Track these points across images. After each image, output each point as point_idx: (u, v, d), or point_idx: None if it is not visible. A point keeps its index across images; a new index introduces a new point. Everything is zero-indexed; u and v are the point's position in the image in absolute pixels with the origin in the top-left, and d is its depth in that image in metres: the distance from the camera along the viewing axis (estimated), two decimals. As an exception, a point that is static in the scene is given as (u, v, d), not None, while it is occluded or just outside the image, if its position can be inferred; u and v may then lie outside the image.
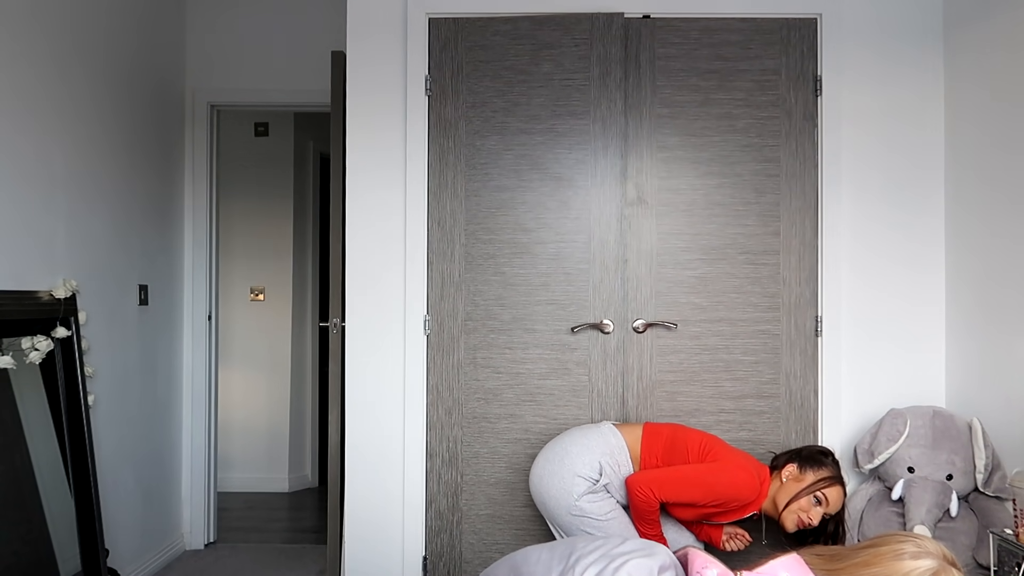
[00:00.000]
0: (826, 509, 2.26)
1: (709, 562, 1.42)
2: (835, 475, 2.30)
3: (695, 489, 2.27)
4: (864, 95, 2.82)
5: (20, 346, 2.47)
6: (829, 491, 2.27)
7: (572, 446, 2.37)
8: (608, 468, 2.34)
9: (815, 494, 2.26)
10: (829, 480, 2.28)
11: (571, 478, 2.31)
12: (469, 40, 2.82)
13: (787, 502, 2.27)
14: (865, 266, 2.81)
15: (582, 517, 2.30)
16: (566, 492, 2.31)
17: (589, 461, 2.33)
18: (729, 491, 2.27)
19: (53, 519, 2.55)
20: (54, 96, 2.73)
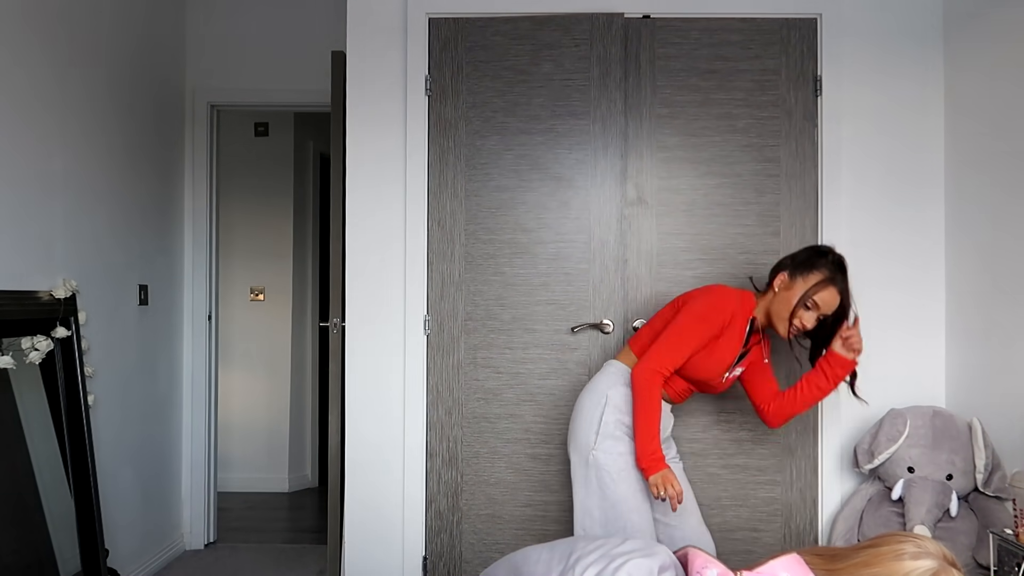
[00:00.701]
0: (819, 311, 2.20)
1: (709, 562, 1.42)
2: (828, 276, 2.21)
3: (688, 331, 2.21)
4: (864, 95, 2.82)
5: (20, 346, 2.47)
6: (820, 295, 2.20)
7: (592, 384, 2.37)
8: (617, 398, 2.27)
9: (807, 298, 2.20)
10: (821, 284, 2.20)
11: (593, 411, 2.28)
12: (469, 40, 2.82)
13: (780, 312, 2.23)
14: (865, 266, 2.80)
15: (596, 470, 2.22)
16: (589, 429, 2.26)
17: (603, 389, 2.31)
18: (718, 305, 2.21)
19: (53, 519, 2.55)
20: (54, 96, 2.73)
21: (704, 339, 2.22)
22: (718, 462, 2.77)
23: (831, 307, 2.22)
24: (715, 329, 2.22)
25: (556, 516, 2.78)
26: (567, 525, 2.76)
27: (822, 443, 2.77)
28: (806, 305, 2.20)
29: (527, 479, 2.79)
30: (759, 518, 2.77)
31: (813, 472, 2.78)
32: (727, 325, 2.23)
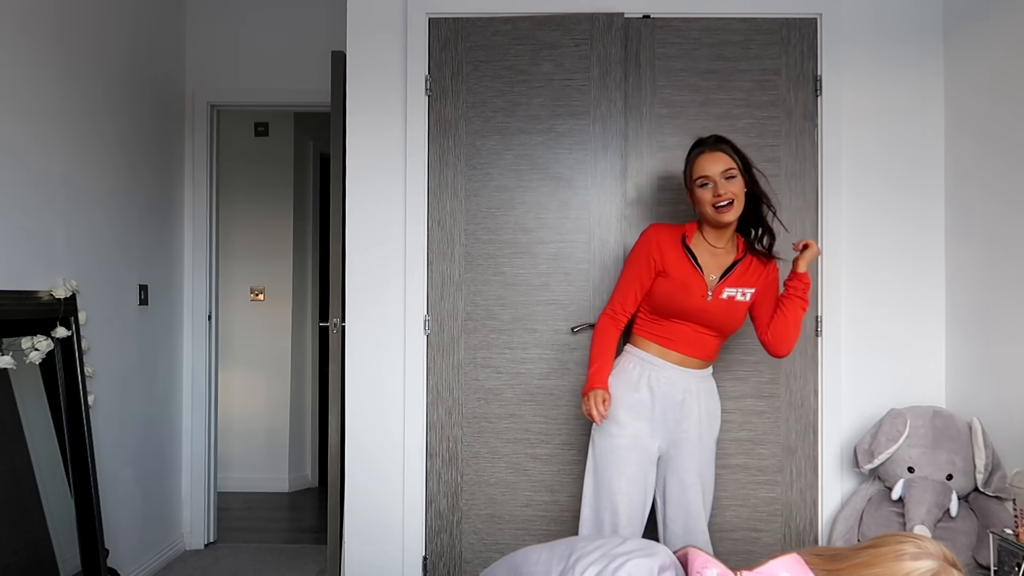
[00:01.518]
0: (710, 178, 2.18)
1: (709, 562, 1.42)
2: (691, 149, 2.26)
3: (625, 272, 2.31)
4: (864, 95, 2.82)
5: (20, 346, 2.47)
6: (696, 166, 2.21)
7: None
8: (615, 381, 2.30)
9: (695, 183, 2.21)
10: (690, 160, 2.24)
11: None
12: (469, 40, 2.82)
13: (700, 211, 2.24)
14: (865, 266, 2.81)
15: (593, 448, 2.30)
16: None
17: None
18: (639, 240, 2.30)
19: (53, 519, 2.55)
20: (54, 96, 2.73)
21: (639, 273, 2.27)
22: (718, 462, 2.76)
23: (716, 167, 2.18)
24: (644, 260, 2.27)
25: (556, 516, 2.78)
26: (567, 525, 2.76)
27: (822, 443, 2.77)
28: (698, 184, 2.20)
29: (527, 479, 2.79)
30: (759, 518, 2.77)
31: (813, 472, 2.78)
32: (654, 252, 2.26)
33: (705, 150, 2.22)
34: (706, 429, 2.32)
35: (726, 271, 2.26)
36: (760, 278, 2.29)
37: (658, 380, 2.26)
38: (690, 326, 2.25)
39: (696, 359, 2.29)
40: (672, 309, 2.24)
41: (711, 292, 2.23)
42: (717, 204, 2.18)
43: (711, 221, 2.23)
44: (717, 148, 2.21)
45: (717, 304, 2.23)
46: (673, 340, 2.26)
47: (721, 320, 2.25)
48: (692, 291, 2.21)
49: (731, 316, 2.26)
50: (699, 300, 2.22)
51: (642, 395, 2.25)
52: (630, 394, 2.25)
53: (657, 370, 2.26)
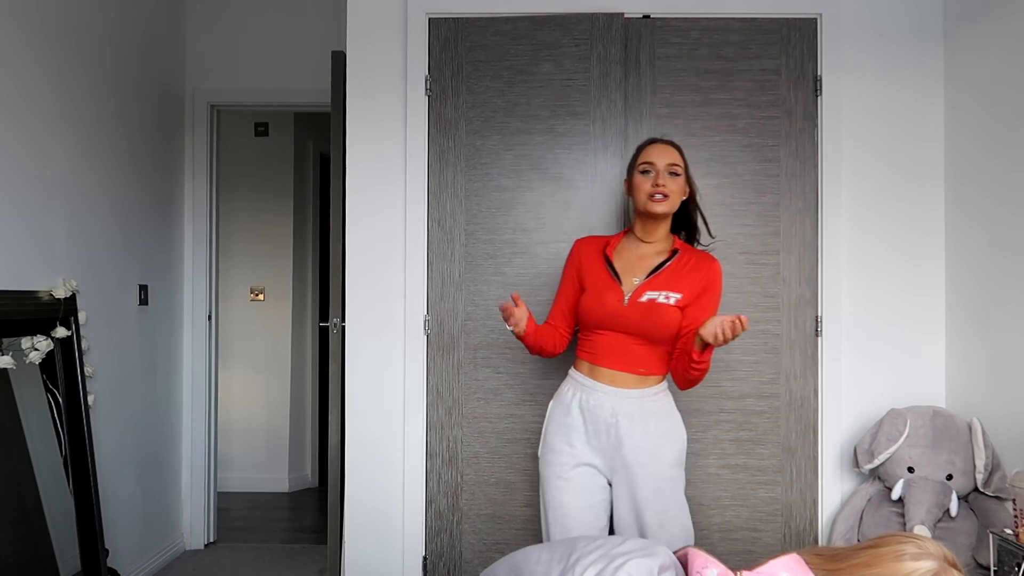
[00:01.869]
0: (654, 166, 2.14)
1: (709, 562, 1.42)
2: (643, 143, 2.23)
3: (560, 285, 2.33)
4: (864, 95, 2.82)
5: (20, 346, 2.47)
6: (644, 154, 2.18)
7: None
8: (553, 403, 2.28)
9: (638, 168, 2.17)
10: (640, 149, 2.21)
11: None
12: (469, 40, 2.82)
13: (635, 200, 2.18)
14: (865, 266, 2.81)
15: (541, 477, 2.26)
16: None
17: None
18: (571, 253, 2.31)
19: (53, 519, 2.55)
20: (54, 96, 2.73)
21: (564, 287, 2.30)
22: (718, 462, 2.77)
23: (663, 159, 2.14)
24: (567, 274, 2.29)
25: (556, 516, 2.78)
26: (567, 525, 2.76)
27: (822, 443, 2.77)
28: (640, 169, 2.16)
29: (527, 479, 2.78)
30: (759, 518, 2.77)
31: (813, 472, 2.78)
32: (574, 267, 2.27)
33: (657, 141, 2.21)
34: (652, 457, 2.10)
35: (651, 272, 2.15)
36: (693, 285, 2.14)
37: (587, 402, 2.14)
38: (611, 335, 2.13)
39: (627, 374, 2.12)
40: (593, 320, 2.16)
41: (628, 296, 2.12)
42: (653, 195, 2.12)
43: (643, 211, 2.16)
44: (669, 143, 2.21)
45: (635, 308, 2.10)
46: (598, 354, 2.15)
47: (642, 324, 2.09)
48: (607, 298, 2.13)
49: (653, 320, 2.09)
50: (615, 305, 2.12)
51: (573, 418, 2.16)
52: (563, 418, 2.19)
53: (587, 391, 2.15)
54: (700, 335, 1.94)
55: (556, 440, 2.18)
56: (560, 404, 2.22)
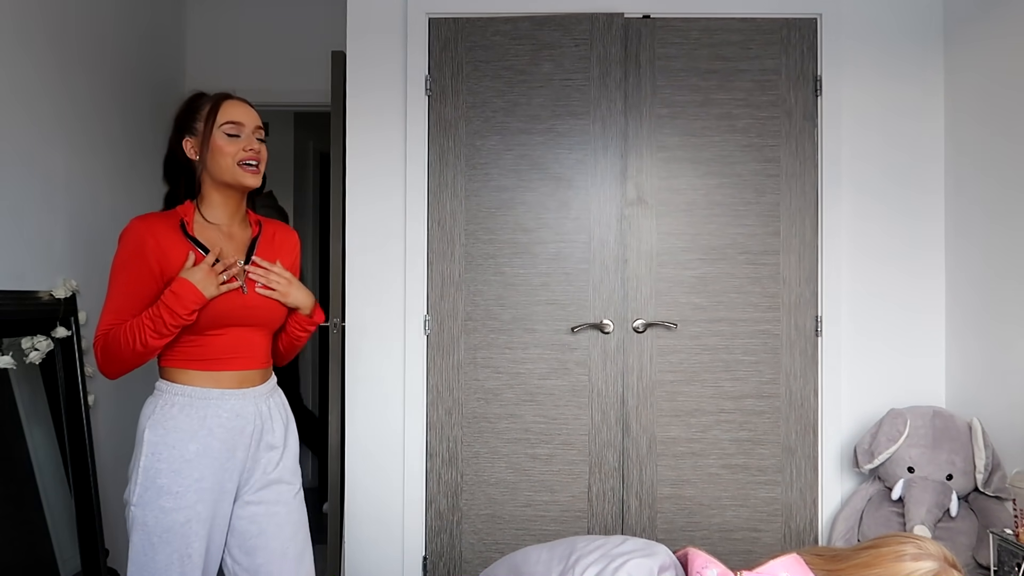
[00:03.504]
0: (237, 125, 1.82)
1: (709, 562, 1.42)
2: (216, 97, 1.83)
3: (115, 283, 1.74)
4: (864, 95, 2.82)
5: (20, 346, 2.47)
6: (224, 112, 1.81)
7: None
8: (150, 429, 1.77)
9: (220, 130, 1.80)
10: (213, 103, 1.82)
11: None
12: (469, 40, 2.82)
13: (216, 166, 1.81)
14: (865, 266, 2.81)
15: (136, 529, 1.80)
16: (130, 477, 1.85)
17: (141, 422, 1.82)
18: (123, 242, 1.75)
19: (53, 519, 2.55)
20: (54, 95, 2.73)
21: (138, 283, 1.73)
22: (718, 462, 2.77)
23: (251, 119, 1.85)
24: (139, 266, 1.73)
25: (556, 516, 2.78)
26: (567, 525, 2.76)
27: (822, 443, 2.77)
28: (226, 131, 1.80)
29: (527, 479, 2.79)
30: (759, 518, 2.77)
31: (813, 472, 2.78)
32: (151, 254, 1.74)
33: (231, 98, 1.85)
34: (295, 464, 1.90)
35: (249, 252, 1.87)
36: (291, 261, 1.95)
37: (219, 416, 1.76)
38: (235, 331, 1.79)
39: (254, 371, 1.83)
40: (207, 319, 1.75)
41: (243, 282, 1.81)
42: (246, 161, 1.81)
43: (229, 181, 1.81)
44: (247, 101, 1.87)
45: (255, 295, 1.82)
46: (222, 358, 1.77)
47: (266, 313, 1.83)
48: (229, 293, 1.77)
49: (274, 304, 1.85)
50: (236, 296, 1.78)
51: (201, 443, 1.74)
52: (185, 445, 1.72)
53: (215, 403, 1.76)
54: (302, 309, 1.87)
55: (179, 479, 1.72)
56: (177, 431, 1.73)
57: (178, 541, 1.72)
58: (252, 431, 1.81)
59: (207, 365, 1.77)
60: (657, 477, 2.78)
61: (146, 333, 1.68)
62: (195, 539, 1.73)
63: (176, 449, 1.73)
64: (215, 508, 1.77)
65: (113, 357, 1.72)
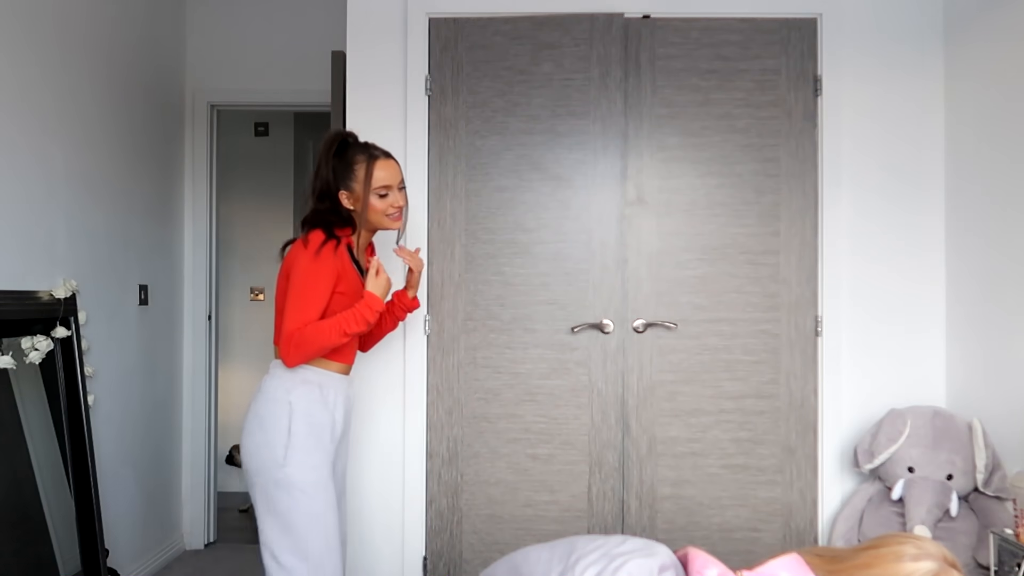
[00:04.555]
0: (391, 188, 2.14)
1: (709, 562, 1.42)
2: (366, 156, 2.14)
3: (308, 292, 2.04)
4: (864, 95, 2.82)
5: (20, 346, 2.47)
6: (377, 176, 2.12)
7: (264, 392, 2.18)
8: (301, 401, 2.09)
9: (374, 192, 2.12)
10: (368, 167, 2.12)
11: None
12: (469, 40, 2.82)
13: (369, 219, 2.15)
14: (865, 266, 2.81)
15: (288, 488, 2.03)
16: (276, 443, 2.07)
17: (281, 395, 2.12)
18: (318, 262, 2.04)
19: (53, 519, 2.55)
20: (54, 95, 2.73)
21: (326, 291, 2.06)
22: (718, 462, 2.77)
23: (396, 176, 2.16)
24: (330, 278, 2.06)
25: (556, 516, 2.78)
26: (567, 525, 2.76)
27: (822, 443, 2.77)
28: (380, 194, 2.13)
29: (527, 479, 2.79)
30: (759, 518, 2.77)
31: (813, 472, 2.78)
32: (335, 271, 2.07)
33: (380, 158, 2.16)
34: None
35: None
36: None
37: (335, 395, 2.13)
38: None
39: (350, 364, 2.22)
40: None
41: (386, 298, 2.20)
42: (394, 213, 2.18)
43: (379, 227, 2.21)
44: (391, 157, 2.19)
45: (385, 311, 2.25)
46: (340, 352, 2.14)
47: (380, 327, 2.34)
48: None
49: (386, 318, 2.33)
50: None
51: (333, 415, 2.12)
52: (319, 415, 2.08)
53: (333, 383, 2.13)
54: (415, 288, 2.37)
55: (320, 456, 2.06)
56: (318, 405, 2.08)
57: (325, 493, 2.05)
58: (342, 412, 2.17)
59: (332, 356, 2.13)
60: (657, 477, 2.78)
61: (337, 335, 2.04)
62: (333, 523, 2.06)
63: (314, 417, 2.07)
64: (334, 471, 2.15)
65: (302, 351, 2.03)
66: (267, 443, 2.03)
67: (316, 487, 2.03)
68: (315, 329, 2.02)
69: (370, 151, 2.16)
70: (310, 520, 2.01)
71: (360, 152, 2.16)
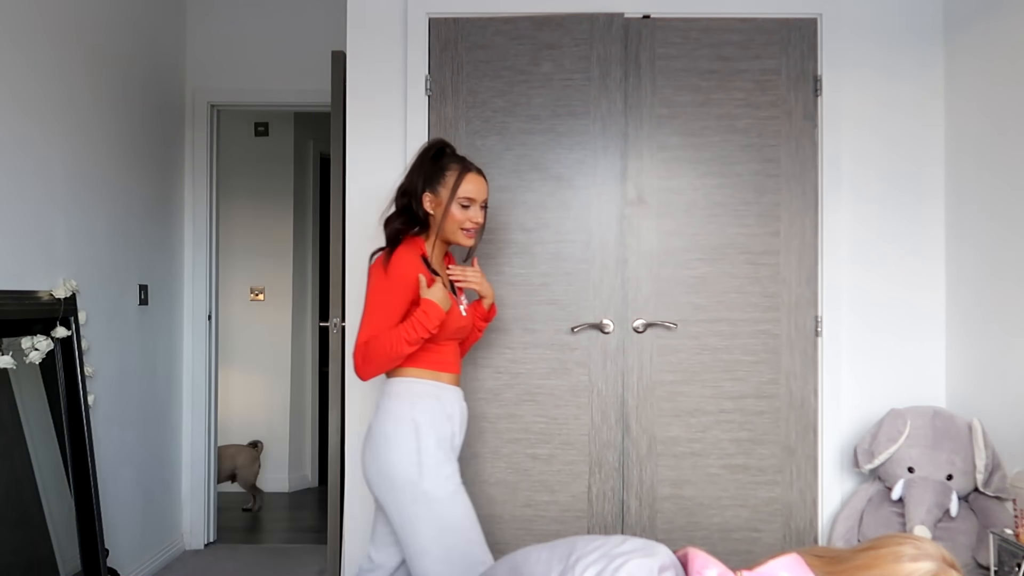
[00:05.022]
0: (475, 202, 2.18)
1: (709, 562, 1.42)
2: (461, 167, 2.18)
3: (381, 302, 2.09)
4: (864, 95, 2.82)
5: (20, 346, 2.47)
6: (465, 188, 2.16)
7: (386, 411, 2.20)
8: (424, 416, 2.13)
9: (457, 201, 2.16)
10: (459, 177, 2.16)
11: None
12: (469, 40, 2.82)
13: (445, 227, 2.17)
14: (865, 265, 2.81)
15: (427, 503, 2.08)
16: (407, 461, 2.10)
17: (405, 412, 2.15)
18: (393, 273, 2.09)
19: (53, 519, 2.55)
20: (54, 96, 2.73)
21: (400, 302, 2.09)
22: (718, 462, 2.77)
23: (483, 193, 2.20)
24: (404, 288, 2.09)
25: (556, 516, 2.78)
26: (567, 525, 2.76)
27: (822, 443, 2.77)
28: (462, 203, 2.16)
29: (527, 479, 2.79)
30: (759, 518, 2.77)
31: (813, 472, 2.78)
32: (411, 280, 2.10)
33: (473, 171, 2.20)
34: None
35: (451, 285, 2.28)
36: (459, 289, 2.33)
37: (452, 406, 2.18)
38: (453, 344, 2.24)
39: (457, 375, 2.25)
40: (443, 332, 2.15)
41: (462, 306, 2.26)
42: (471, 229, 2.20)
43: (450, 239, 2.22)
44: (483, 175, 2.23)
45: (467, 319, 2.27)
46: (448, 362, 2.20)
47: (466, 329, 2.29)
48: (453, 310, 2.16)
49: (467, 321, 2.29)
50: (459, 318, 2.21)
51: (453, 426, 2.17)
52: (442, 427, 2.13)
53: (449, 395, 2.18)
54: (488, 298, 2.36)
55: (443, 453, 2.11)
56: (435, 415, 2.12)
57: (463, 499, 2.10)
58: (459, 422, 2.21)
59: (442, 367, 2.19)
60: (657, 477, 2.78)
61: (401, 343, 2.06)
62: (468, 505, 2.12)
63: (438, 430, 2.11)
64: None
65: (372, 363, 2.08)
66: (399, 462, 2.06)
67: (454, 496, 2.08)
68: (380, 340, 2.06)
69: (464, 163, 2.22)
70: (454, 529, 2.06)
71: (455, 161, 2.21)
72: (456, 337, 2.24)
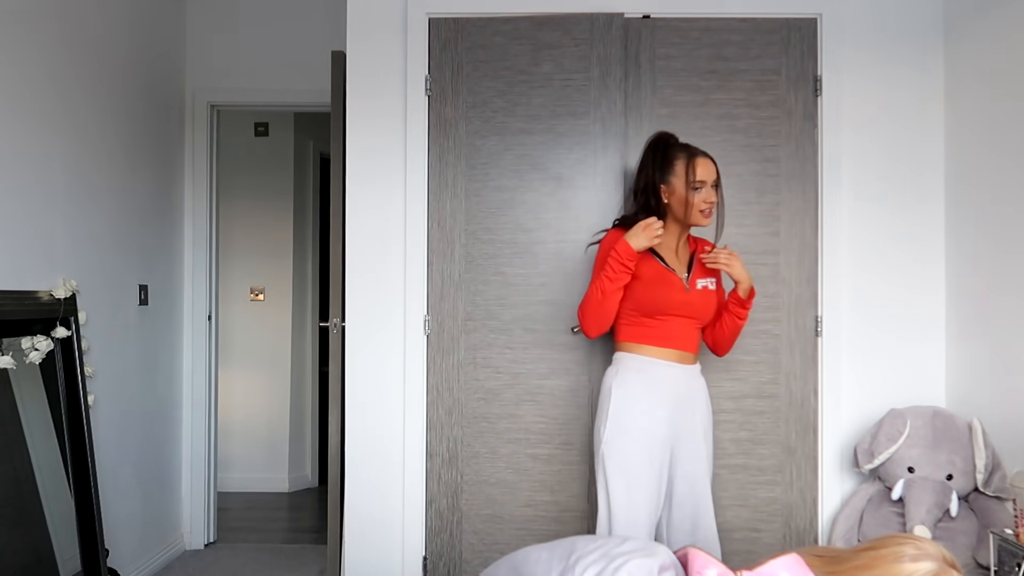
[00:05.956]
0: (707, 183, 2.28)
1: (709, 562, 1.42)
2: (686, 154, 2.30)
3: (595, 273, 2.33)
4: (864, 95, 2.82)
5: (20, 346, 2.47)
6: (696, 172, 2.27)
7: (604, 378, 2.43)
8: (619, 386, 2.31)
9: (690, 186, 2.27)
10: (688, 164, 2.28)
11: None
12: (469, 40, 2.82)
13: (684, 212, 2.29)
14: (865, 266, 2.81)
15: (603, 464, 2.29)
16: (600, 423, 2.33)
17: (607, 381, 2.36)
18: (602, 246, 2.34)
19: (53, 519, 2.55)
20: (54, 96, 2.73)
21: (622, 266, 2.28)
22: (718, 462, 2.77)
23: (712, 174, 2.30)
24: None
25: (556, 516, 2.78)
26: (567, 525, 2.76)
27: (822, 443, 2.77)
28: (694, 188, 2.27)
29: (527, 479, 2.79)
30: (759, 518, 2.77)
31: (813, 472, 2.78)
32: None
33: (699, 156, 2.30)
34: (708, 426, 2.37)
35: (690, 265, 2.38)
36: (712, 272, 2.41)
37: (662, 379, 2.28)
38: (677, 320, 2.31)
39: (688, 352, 2.33)
40: (657, 307, 2.29)
41: (688, 284, 2.33)
42: (706, 209, 2.30)
43: (692, 222, 2.32)
44: (709, 157, 2.32)
45: (695, 295, 2.33)
46: (667, 337, 2.30)
47: (701, 309, 2.34)
48: (672, 286, 2.30)
49: (708, 304, 2.36)
50: (680, 293, 2.30)
51: (653, 397, 2.26)
52: (640, 399, 2.27)
53: (660, 369, 2.29)
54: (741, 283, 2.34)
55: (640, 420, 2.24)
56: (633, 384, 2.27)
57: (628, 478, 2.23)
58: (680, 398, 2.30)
59: (657, 342, 2.30)
60: (657, 477, 2.77)
61: (595, 289, 2.28)
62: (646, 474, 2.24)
63: (634, 401, 2.26)
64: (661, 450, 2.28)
65: (586, 316, 2.32)
66: (598, 422, 2.31)
67: (621, 469, 2.23)
68: (585, 296, 2.31)
69: (689, 149, 2.32)
70: (615, 499, 2.23)
71: (680, 151, 2.32)
72: (680, 313, 2.30)
